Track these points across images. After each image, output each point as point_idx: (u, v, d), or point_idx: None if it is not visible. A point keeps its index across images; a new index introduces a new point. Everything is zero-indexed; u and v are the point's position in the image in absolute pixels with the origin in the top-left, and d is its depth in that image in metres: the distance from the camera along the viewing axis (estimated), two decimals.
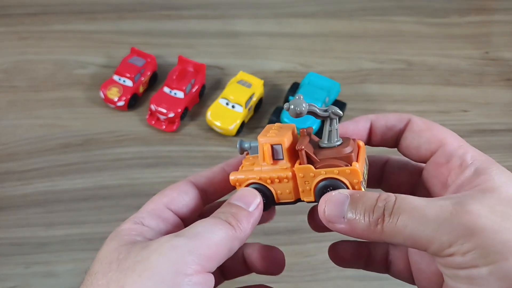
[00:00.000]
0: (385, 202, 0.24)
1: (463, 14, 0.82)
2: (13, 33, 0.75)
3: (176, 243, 0.24)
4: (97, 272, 0.24)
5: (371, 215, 0.24)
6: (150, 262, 0.23)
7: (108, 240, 0.26)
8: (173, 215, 0.28)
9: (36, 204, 0.57)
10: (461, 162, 0.26)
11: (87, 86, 0.69)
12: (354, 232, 0.25)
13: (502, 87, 0.72)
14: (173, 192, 0.29)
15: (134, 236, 0.26)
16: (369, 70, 0.73)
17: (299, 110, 0.26)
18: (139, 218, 0.27)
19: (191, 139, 0.64)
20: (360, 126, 0.30)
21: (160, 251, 0.23)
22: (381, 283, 0.53)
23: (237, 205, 0.27)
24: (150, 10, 0.79)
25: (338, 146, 0.28)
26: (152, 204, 0.28)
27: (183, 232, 0.25)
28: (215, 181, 0.31)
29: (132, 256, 0.24)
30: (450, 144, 0.27)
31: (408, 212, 0.24)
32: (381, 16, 0.80)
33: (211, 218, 0.26)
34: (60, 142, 0.63)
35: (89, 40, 0.74)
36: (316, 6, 0.81)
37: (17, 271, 0.53)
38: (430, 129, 0.28)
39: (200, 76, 0.67)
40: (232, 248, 0.26)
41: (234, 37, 0.76)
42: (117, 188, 0.59)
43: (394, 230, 0.24)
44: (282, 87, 0.70)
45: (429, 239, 0.23)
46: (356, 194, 0.26)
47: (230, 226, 0.26)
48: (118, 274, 0.23)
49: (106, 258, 0.25)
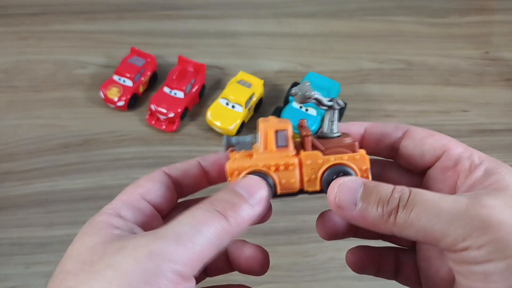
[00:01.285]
0: (400, 194, 0.24)
1: (463, 14, 0.82)
2: (13, 33, 0.75)
3: (153, 249, 0.21)
4: (69, 271, 0.22)
5: (385, 206, 0.24)
6: (122, 269, 0.21)
7: (82, 234, 0.24)
8: (149, 206, 0.27)
9: (36, 204, 0.57)
10: (470, 163, 0.26)
11: (87, 86, 0.69)
12: (364, 221, 0.24)
13: (502, 87, 0.72)
14: (148, 182, 0.28)
15: (110, 229, 0.24)
16: (369, 70, 0.73)
17: (308, 94, 0.26)
18: (115, 209, 0.25)
19: (191, 139, 0.64)
20: (353, 130, 0.29)
21: (134, 256, 0.21)
22: (380, 283, 0.53)
23: (240, 193, 0.25)
24: (150, 10, 0.79)
25: (339, 137, 0.28)
26: (127, 194, 0.27)
27: (165, 233, 0.22)
28: (190, 174, 0.29)
29: (105, 258, 0.22)
30: (455, 148, 0.27)
31: (422, 204, 0.23)
32: (381, 16, 0.80)
33: (201, 210, 0.24)
34: (60, 142, 0.63)
35: (89, 40, 0.74)
36: (316, 6, 0.81)
37: (17, 271, 0.53)
38: (432, 136, 0.28)
39: (200, 76, 0.67)
40: (220, 246, 0.23)
41: (234, 37, 0.76)
42: (117, 188, 0.58)
43: (407, 222, 0.23)
44: (282, 87, 0.70)
45: (443, 232, 0.22)
46: (371, 183, 0.25)
47: (223, 218, 0.23)
48: (89, 277, 0.21)
49: (80, 257, 0.23)
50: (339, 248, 0.55)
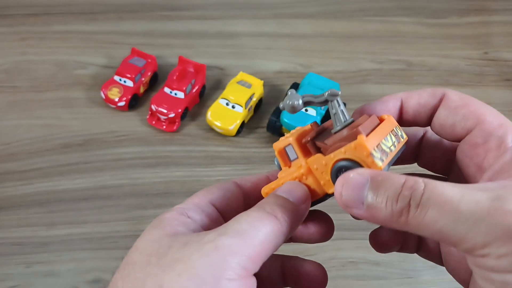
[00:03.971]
0: (412, 190, 0.21)
1: (462, 14, 0.82)
2: (14, 33, 0.75)
3: (219, 244, 0.22)
4: (135, 263, 0.23)
5: (394, 204, 0.21)
6: (191, 262, 0.22)
7: (150, 228, 0.25)
8: (216, 212, 0.27)
9: (36, 204, 0.58)
10: (500, 143, 0.24)
11: (88, 87, 0.69)
12: (374, 220, 0.23)
13: (502, 87, 0.72)
14: (219, 190, 0.28)
15: (177, 226, 0.24)
16: (368, 71, 0.73)
17: (293, 103, 0.25)
18: (184, 209, 0.26)
19: (192, 139, 0.64)
20: (390, 106, 0.27)
21: (202, 251, 0.22)
22: (379, 282, 0.54)
23: (283, 197, 0.25)
24: (151, 11, 0.79)
25: (348, 125, 0.26)
26: (198, 198, 0.27)
27: (226, 230, 0.23)
28: (259, 187, 0.29)
29: (172, 252, 0.22)
30: (489, 122, 0.25)
31: (439, 205, 0.21)
32: (381, 17, 0.81)
33: (255, 211, 0.24)
34: (61, 142, 0.63)
35: (89, 41, 0.74)
36: (315, 7, 0.82)
37: (18, 271, 0.53)
38: (467, 105, 0.25)
39: (200, 76, 0.67)
40: (277, 244, 0.24)
41: (234, 37, 0.76)
42: (117, 188, 0.59)
43: (421, 224, 0.21)
44: (282, 87, 0.70)
45: (461, 237, 0.20)
46: (378, 177, 0.22)
47: (275, 219, 0.24)
48: (157, 270, 0.22)
49: (146, 249, 0.23)
50: (339, 248, 0.56)
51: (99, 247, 0.55)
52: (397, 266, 0.54)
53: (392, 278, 0.54)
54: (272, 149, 0.69)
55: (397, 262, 0.55)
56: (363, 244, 0.56)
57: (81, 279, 0.52)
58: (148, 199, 0.58)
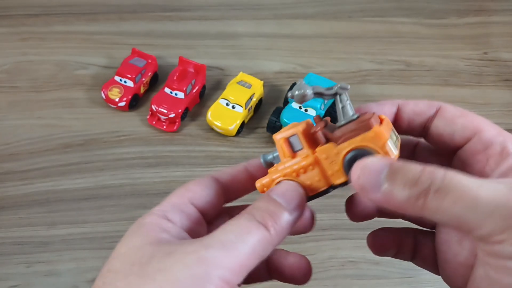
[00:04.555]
0: (432, 175, 0.21)
1: (461, 15, 0.82)
2: (15, 34, 0.75)
3: (202, 255, 0.22)
4: (117, 271, 0.23)
5: (412, 187, 0.22)
6: (172, 274, 0.21)
7: (130, 234, 0.25)
8: (196, 212, 0.27)
9: (37, 203, 0.58)
10: (502, 149, 0.25)
11: (89, 87, 0.69)
12: (390, 204, 0.23)
13: (501, 87, 0.72)
14: (197, 187, 0.28)
15: (159, 232, 0.24)
16: (368, 71, 0.73)
17: (304, 91, 0.25)
18: (163, 212, 0.26)
19: (192, 139, 0.65)
20: (386, 110, 0.28)
21: (184, 262, 0.22)
22: (379, 282, 0.54)
23: (277, 201, 0.25)
24: (151, 12, 0.79)
25: (355, 119, 0.26)
26: (176, 197, 0.27)
27: (211, 241, 0.23)
28: (237, 179, 0.29)
29: (154, 262, 0.22)
30: (487, 130, 0.25)
31: (458, 191, 0.21)
32: (380, 17, 0.81)
33: (244, 220, 0.24)
34: (62, 142, 0.63)
35: (90, 41, 0.75)
36: (315, 8, 0.82)
37: (18, 270, 0.53)
38: (464, 116, 0.26)
39: (200, 76, 0.68)
40: (264, 255, 0.24)
41: (234, 38, 0.77)
42: (118, 187, 0.59)
43: (439, 208, 0.21)
44: (281, 87, 0.70)
45: (479, 222, 0.21)
46: (397, 163, 0.23)
47: (265, 230, 0.23)
48: (139, 280, 0.22)
49: (128, 257, 0.23)
50: (338, 247, 0.56)
51: (99, 247, 0.55)
52: (397, 266, 0.55)
53: (392, 278, 0.54)
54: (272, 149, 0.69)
55: (396, 262, 0.54)
56: (363, 244, 0.56)
57: (82, 279, 0.53)
58: (148, 198, 0.59)
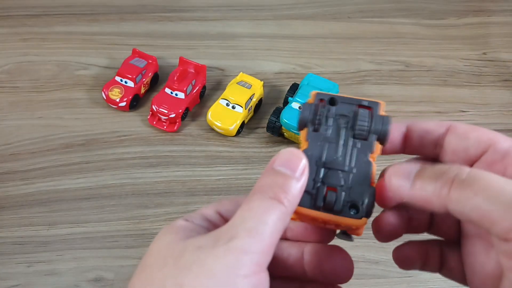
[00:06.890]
0: (458, 169, 0.23)
1: (460, 15, 0.82)
2: (15, 34, 0.75)
3: (231, 246, 0.23)
4: (152, 265, 0.24)
5: (438, 179, 0.23)
6: (206, 264, 0.22)
7: (161, 234, 0.26)
8: (222, 220, 0.28)
9: (38, 203, 0.58)
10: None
11: (89, 87, 0.69)
12: (417, 197, 0.24)
13: (500, 87, 0.72)
14: (228, 201, 0.29)
15: (188, 231, 0.25)
16: (367, 71, 0.74)
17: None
18: (191, 217, 0.27)
19: (192, 139, 0.65)
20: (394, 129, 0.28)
21: (215, 253, 0.23)
22: (379, 281, 0.54)
23: (283, 173, 0.25)
24: (152, 12, 0.80)
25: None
26: (206, 209, 0.28)
27: (236, 232, 0.23)
28: None
29: (187, 255, 0.23)
30: (502, 141, 0.26)
31: (482, 182, 0.22)
32: (379, 18, 0.81)
33: (257, 201, 0.24)
34: (63, 142, 0.63)
35: (91, 42, 0.75)
36: (315, 8, 0.82)
37: (19, 270, 0.53)
38: (476, 130, 0.27)
39: (200, 77, 0.68)
40: (284, 227, 0.24)
41: (234, 39, 0.77)
42: (119, 187, 0.60)
43: (462, 197, 0.22)
44: (281, 88, 0.71)
45: (501, 215, 0.21)
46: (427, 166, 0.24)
47: (280, 204, 0.24)
48: (175, 270, 0.23)
49: (161, 252, 0.24)
50: None
51: (100, 246, 0.55)
52: (396, 265, 0.55)
53: (391, 277, 0.54)
54: (271, 149, 0.69)
55: None
56: (362, 243, 0.56)
57: (83, 278, 0.53)
58: (149, 198, 0.59)
